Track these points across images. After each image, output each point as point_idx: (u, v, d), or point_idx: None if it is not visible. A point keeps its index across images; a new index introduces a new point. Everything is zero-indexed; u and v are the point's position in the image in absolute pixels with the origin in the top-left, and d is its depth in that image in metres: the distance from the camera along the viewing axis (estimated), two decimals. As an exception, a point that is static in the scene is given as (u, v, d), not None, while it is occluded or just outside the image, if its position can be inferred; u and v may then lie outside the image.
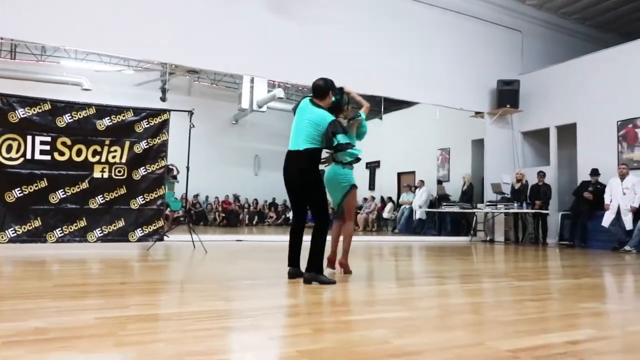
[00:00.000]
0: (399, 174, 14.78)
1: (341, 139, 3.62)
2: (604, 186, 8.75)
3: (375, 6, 9.60)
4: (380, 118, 14.29)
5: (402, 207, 13.18)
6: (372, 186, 15.29)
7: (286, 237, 4.06)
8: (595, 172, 9.01)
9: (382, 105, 13.64)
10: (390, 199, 14.16)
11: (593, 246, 8.74)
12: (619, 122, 9.14)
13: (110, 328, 2.14)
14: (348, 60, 9.07)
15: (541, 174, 9.94)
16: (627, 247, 7.86)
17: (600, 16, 11.66)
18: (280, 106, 16.51)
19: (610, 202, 8.42)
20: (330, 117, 3.69)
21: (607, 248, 8.29)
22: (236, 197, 18.14)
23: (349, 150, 3.78)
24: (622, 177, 8.39)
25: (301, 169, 3.70)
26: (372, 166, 15.33)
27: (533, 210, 9.74)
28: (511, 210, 9.94)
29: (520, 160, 11.02)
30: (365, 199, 14.95)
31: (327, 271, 3.95)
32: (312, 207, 3.79)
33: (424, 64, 10.00)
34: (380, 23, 9.62)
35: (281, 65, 8.70)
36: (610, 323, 2.69)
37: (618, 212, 8.29)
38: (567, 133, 10.23)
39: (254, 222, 17.56)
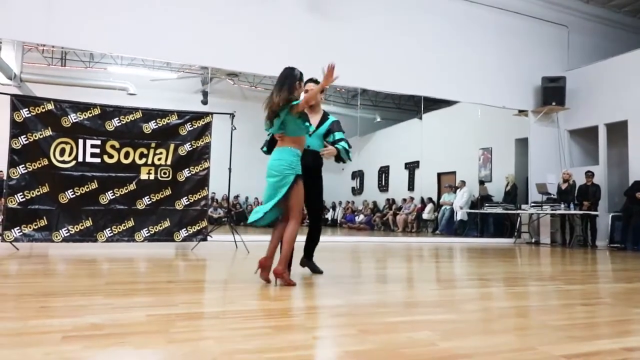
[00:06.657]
0: (439, 174, 14.55)
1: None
2: (658, 186, 8.37)
3: (414, 4, 9.50)
4: (420, 118, 14.10)
5: (443, 207, 12.98)
6: (411, 187, 15.12)
7: (329, 237, 4.08)
8: (648, 172, 8.62)
9: (422, 105, 13.46)
10: (430, 199, 13.96)
11: (646, 249, 8.37)
12: (674, 119, 8.71)
13: (161, 325, 2.21)
14: (387, 60, 9.03)
15: (589, 174, 9.58)
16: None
17: (653, 8, 11.15)
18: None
19: (665, 202, 8.04)
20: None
21: (662, 251, 7.92)
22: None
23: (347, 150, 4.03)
24: (678, 176, 7.99)
25: (319, 164, 4.04)
26: (411, 166, 15.16)
27: (581, 212, 9.40)
28: (558, 212, 9.63)
29: (567, 159, 10.66)
30: (404, 200, 14.80)
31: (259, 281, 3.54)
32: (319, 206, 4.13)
33: (464, 62, 9.82)
34: (419, 21, 9.52)
35: (318, 66, 8.70)
36: (669, 330, 2.57)
37: (674, 214, 7.90)
38: (618, 131, 9.82)
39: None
